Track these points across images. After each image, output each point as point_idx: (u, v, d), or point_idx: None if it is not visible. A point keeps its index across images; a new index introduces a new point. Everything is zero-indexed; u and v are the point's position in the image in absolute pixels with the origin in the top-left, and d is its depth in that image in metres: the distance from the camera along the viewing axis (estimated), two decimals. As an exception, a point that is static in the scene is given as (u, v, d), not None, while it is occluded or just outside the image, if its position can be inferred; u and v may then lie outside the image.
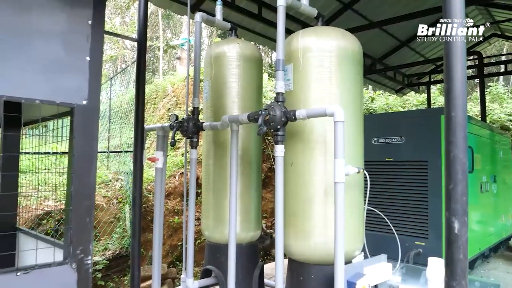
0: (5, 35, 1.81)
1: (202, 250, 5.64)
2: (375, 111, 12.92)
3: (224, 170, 3.55)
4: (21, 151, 3.25)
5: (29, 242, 2.87)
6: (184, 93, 9.22)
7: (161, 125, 3.62)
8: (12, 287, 1.80)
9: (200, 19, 3.62)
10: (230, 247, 3.05)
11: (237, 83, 3.65)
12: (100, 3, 2.13)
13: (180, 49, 14.99)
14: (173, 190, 6.78)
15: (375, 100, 14.12)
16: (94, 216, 2.08)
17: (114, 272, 5.78)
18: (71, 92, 1.94)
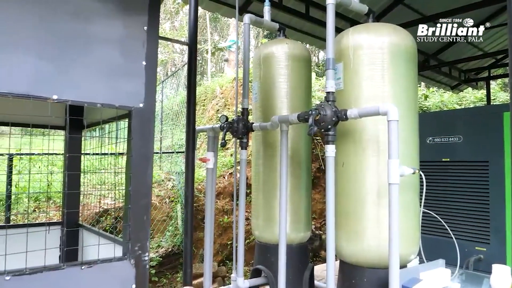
0: (68, 43, 1.93)
1: (251, 249, 5.69)
2: (429, 109, 12.36)
3: (274, 171, 3.55)
4: (82, 152, 3.46)
5: (90, 237, 3.05)
6: (232, 95, 9.35)
7: (211, 126, 3.69)
8: (77, 279, 1.91)
9: (249, 21, 3.65)
10: (280, 248, 3.05)
11: (286, 83, 3.65)
12: (154, 9, 2.21)
13: (228, 51, 15.22)
14: (223, 190, 6.89)
15: (429, 98, 13.50)
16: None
17: (167, 269, 5.98)
18: (129, 95, 2.03)
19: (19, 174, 6.00)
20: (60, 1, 1.92)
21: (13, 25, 1.79)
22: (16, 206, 6.31)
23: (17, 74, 1.79)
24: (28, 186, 6.30)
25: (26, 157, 6.50)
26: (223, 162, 7.44)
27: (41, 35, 1.86)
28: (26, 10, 1.82)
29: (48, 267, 1.81)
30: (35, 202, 6.58)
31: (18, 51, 1.79)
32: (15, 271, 1.73)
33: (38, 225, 3.40)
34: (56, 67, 1.89)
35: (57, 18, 1.90)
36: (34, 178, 5.67)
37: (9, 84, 1.76)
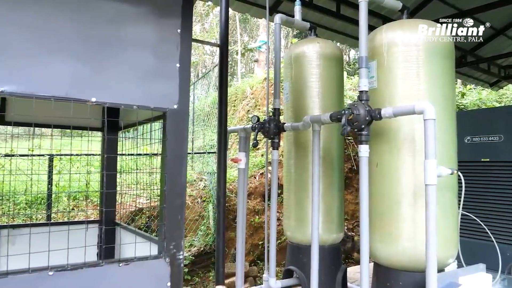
0: (105, 48, 1.99)
1: (282, 250, 5.67)
2: (466, 107, 11.90)
3: (306, 171, 3.53)
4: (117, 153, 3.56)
5: (126, 236, 3.13)
6: (263, 95, 9.35)
7: (243, 126, 3.71)
8: (114, 275, 1.97)
9: (280, 21, 3.65)
10: (312, 249, 3.02)
11: (317, 82, 3.61)
12: (187, 12, 2.24)
13: (258, 52, 15.26)
14: (254, 190, 6.91)
15: (466, 96, 13.00)
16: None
17: (199, 268, 6.06)
18: (163, 97, 2.07)
19: (59, 174, 6.25)
20: (97, 8, 1.99)
21: (53, 32, 1.87)
22: (57, 204, 6.58)
23: (58, 78, 1.86)
24: (69, 186, 6.56)
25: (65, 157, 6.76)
26: (254, 163, 7.47)
27: (79, 40, 1.93)
28: (65, 17, 1.90)
29: (88, 263, 1.88)
30: (74, 201, 6.84)
31: (58, 56, 1.87)
32: (58, 267, 1.80)
33: (77, 223, 3.53)
34: (94, 71, 1.95)
35: (94, 24, 1.97)
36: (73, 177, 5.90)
37: (51, 87, 1.84)
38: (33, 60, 1.81)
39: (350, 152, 7.43)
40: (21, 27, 1.79)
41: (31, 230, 2.23)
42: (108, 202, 3.26)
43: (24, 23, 1.80)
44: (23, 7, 1.80)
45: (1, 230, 3.10)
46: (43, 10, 1.85)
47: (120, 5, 2.06)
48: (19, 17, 1.79)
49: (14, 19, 1.78)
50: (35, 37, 1.83)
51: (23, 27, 1.80)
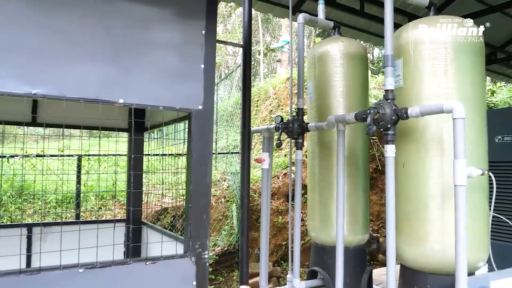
0: (131, 50, 2.03)
1: (306, 250, 5.63)
2: (496, 106, 11.51)
3: (330, 171, 3.49)
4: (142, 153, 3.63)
5: (152, 235, 3.19)
6: (286, 95, 9.33)
7: (266, 127, 3.71)
8: (141, 274, 2.00)
9: (303, 20, 3.63)
10: (337, 250, 2.99)
11: (341, 81, 3.58)
12: (212, 14, 2.26)
13: (280, 52, 15.23)
14: (277, 190, 6.90)
15: (496, 93, 12.57)
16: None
17: (223, 267, 6.10)
18: (189, 98, 2.10)
19: (87, 174, 6.42)
20: (124, 11, 2.03)
21: (83, 35, 1.92)
22: (85, 203, 6.77)
23: (87, 80, 1.91)
24: (97, 185, 6.73)
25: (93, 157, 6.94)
26: (277, 163, 7.45)
27: (107, 43, 1.97)
28: (94, 21, 1.95)
29: (116, 261, 1.92)
30: (101, 200, 7.01)
31: (87, 59, 1.92)
32: (87, 264, 1.85)
33: (105, 221, 3.62)
34: (121, 73, 2.00)
35: (120, 26, 2.01)
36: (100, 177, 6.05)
37: (81, 89, 1.89)
38: (63, 63, 1.87)
39: (374, 152, 7.32)
40: (52, 32, 1.85)
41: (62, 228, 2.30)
42: (135, 201, 3.33)
43: (55, 28, 1.85)
44: (54, 13, 1.86)
45: (33, 227, 3.21)
46: (72, 15, 1.90)
47: (146, 8, 2.10)
48: (51, 22, 1.85)
49: (46, 24, 1.84)
50: (66, 41, 1.88)
51: (55, 32, 1.85)
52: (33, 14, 1.81)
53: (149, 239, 3.16)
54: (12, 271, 1.73)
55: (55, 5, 1.86)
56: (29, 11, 1.80)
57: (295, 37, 3.69)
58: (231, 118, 8.31)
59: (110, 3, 1.99)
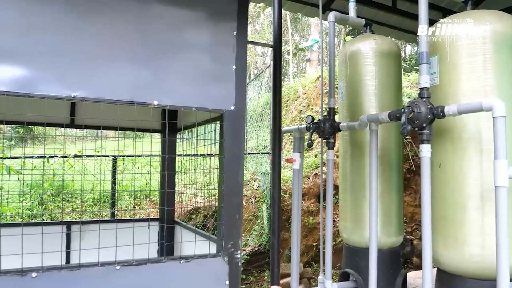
0: (164, 52, 2.07)
1: (337, 252, 5.57)
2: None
3: (362, 171, 3.44)
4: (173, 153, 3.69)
5: (185, 234, 3.24)
6: (316, 95, 9.25)
7: (297, 127, 3.70)
8: (175, 272, 2.04)
9: (334, 19, 3.59)
10: (371, 252, 2.94)
11: (374, 80, 3.51)
12: (243, 15, 2.27)
13: (310, 51, 15.12)
14: (308, 191, 6.85)
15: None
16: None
17: (254, 267, 6.12)
18: (221, 99, 2.12)
19: (121, 174, 6.62)
20: (157, 14, 2.07)
21: (118, 39, 1.98)
22: (119, 202, 6.97)
23: (122, 83, 1.97)
24: (131, 185, 6.92)
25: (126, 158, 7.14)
26: (307, 163, 7.40)
27: (141, 46, 2.02)
28: (128, 25, 2.00)
29: (151, 259, 1.97)
30: (135, 200, 7.19)
31: (123, 62, 1.98)
32: (124, 262, 1.90)
33: (139, 220, 3.71)
34: (155, 75, 2.04)
35: (154, 29, 2.06)
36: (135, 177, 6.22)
37: (117, 92, 1.94)
38: (100, 66, 1.93)
39: (408, 152, 7.13)
40: (90, 36, 1.91)
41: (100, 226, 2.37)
42: (168, 201, 3.39)
43: (93, 32, 1.92)
44: (91, 18, 1.92)
45: (72, 225, 3.33)
46: (108, 20, 1.96)
47: (179, 11, 2.14)
48: (88, 27, 1.91)
49: (84, 29, 1.90)
50: (102, 45, 1.94)
51: (92, 36, 1.92)
52: (71, 20, 1.88)
53: (182, 238, 3.21)
54: (54, 267, 1.80)
55: (92, 11, 1.92)
56: (67, 17, 1.87)
57: (325, 36, 3.66)
58: (261, 118, 8.32)
59: (143, 7, 2.04)
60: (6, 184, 5.56)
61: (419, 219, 7.08)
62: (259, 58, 26.42)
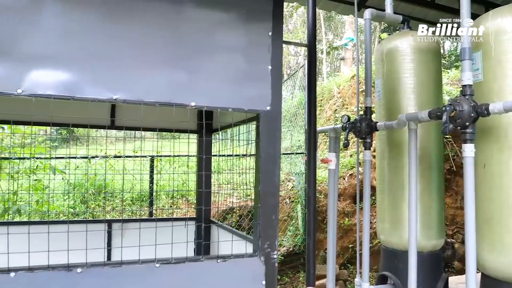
0: (199, 54, 2.10)
1: (374, 254, 5.44)
2: None
3: (401, 172, 3.34)
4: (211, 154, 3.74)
5: (221, 233, 3.27)
6: (351, 94, 9.10)
7: (332, 126, 3.65)
8: (213, 271, 2.07)
9: (370, 16, 3.52)
10: (410, 255, 2.85)
11: (412, 78, 3.41)
12: (278, 15, 2.27)
13: (344, 49, 14.89)
14: (343, 191, 6.75)
15: None
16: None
17: (288, 268, 6.10)
18: (257, 99, 2.13)
19: (159, 174, 6.79)
20: (191, 18, 2.11)
21: (155, 42, 2.03)
22: (157, 202, 7.15)
23: (160, 85, 2.02)
24: (168, 185, 7.09)
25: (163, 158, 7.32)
26: (342, 163, 7.29)
27: (178, 48, 2.06)
28: (164, 28, 2.05)
29: (190, 258, 2.00)
30: (171, 199, 7.36)
31: (159, 65, 2.03)
32: (163, 260, 1.95)
33: (177, 219, 3.79)
34: (191, 77, 2.08)
35: (189, 32, 2.09)
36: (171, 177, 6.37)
37: (156, 94, 2.00)
38: (139, 69, 1.99)
39: (448, 152, 6.87)
40: (128, 41, 1.98)
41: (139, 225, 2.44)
42: (204, 200, 3.44)
43: (130, 37, 1.98)
44: (128, 24, 1.99)
45: (113, 223, 3.45)
46: (145, 25, 2.02)
47: (214, 13, 2.17)
48: (126, 33, 1.98)
49: (122, 34, 1.97)
50: (140, 49, 2.00)
51: (130, 41, 1.98)
52: (110, 27, 1.95)
53: (218, 238, 3.25)
54: (98, 263, 1.88)
55: (129, 17, 1.98)
56: (107, 24, 1.94)
57: (360, 34, 3.59)
58: (295, 118, 8.27)
59: (178, 10, 2.08)
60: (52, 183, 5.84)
61: (461, 222, 6.81)
62: (292, 57, 26.30)
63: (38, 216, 5.27)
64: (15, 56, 1.80)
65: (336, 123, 7.17)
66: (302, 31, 22.79)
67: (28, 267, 1.76)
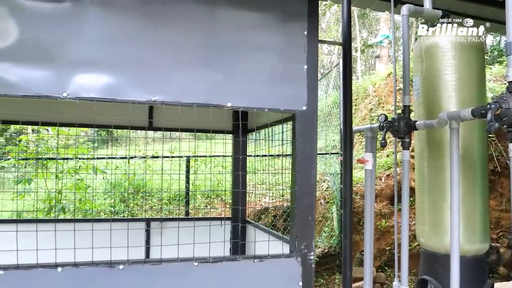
0: (234, 55, 2.13)
1: (413, 257, 5.27)
2: None
3: (442, 172, 3.22)
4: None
5: (256, 233, 3.29)
6: (387, 92, 8.89)
7: (369, 126, 3.57)
8: (249, 271, 2.08)
9: (407, 12, 3.41)
10: (452, 259, 2.74)
11: (453, 75, 3.27)
12: (313, 14, 2.26)
13: (379, 47, 14.57)
14: (380, 192, 6.60)
15: None
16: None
17: (324, 270, 6.03)
18: (292, 99, 2.12)
19: (195, 174, 6.92)
20: (226, 20, 2.13)
21: (191, 44, 2.08)
22: (192, 201, 7.28)
23: (197, 86, 2.06)
24: (209, 185, 7.22)
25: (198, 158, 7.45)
26: (378, 164, 7.13)
27: (213, 49, 2.10)
28: (200, 30, 2.09)
29: (227, 257, 2.02)
30: (206, 199, 7.47)
31: (196, 67, 2.07)
32: (201, 259, 1.98)
33: (214, 219, 3.84)
34: (227, 77, 2.10)
35: (224, 33, 2.12)
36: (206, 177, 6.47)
37: (193, 95, 2.03)
38: (177, 71, 2.04)
39: (492, 151, 6.56)
40: (166, 45, 2.03)
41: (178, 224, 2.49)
42: (240, 200, 3.47)
43: (168, 41, 2.03)
44: (165, 27, 2.04)
45: (151, 222, 3.55)
46: (182, 28, 2.06)
47: (249, 14, 2.18)
48: (163, 36, 2.03)
49: (160, 37, 2.03)
50: (177, 52, 2.05)
51: (167, 44, 2.03)
52: (148, 31, 2.01)
53: (253, 238, 3.26)
54: (138, 261, 1.93)
55: (166, 21, 2.04)
56: (145, 28, 2.01)
57: (395, 31, 3.49)
58: (329, 118, 8.18)
59: (214, 13, 2.12)
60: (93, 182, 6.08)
61: (506, 225, 6.49)
62: (325, 56, 26.02)
63: (80, 214, 5.50)
64: (60, 61, 1.89)
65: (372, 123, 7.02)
66: (335, 29, 22.51)
67: (74, 262, 1.83)
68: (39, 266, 1.80)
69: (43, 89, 1.84)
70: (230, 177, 3.93)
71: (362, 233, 5.27)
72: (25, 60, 1.85)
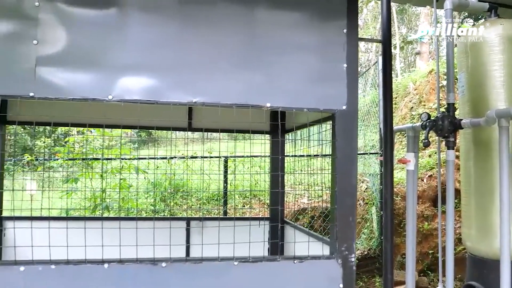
0: (273, 55, 2.13)
1: (457, 261, 5.05)
2: None
3: (490, 173, 3.07)
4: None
5: (295, 234, 3.27)
6: (428, 90, 8.57)
7: (411, 125, 3.47)
8: (289, 271, 2.08)
9: (451, 6, 3.28)
10: (502, 264, 2.61)
11: (501, 70, 3.11)
12: (353, 12, 2.22)
13: (419, 43, 14.09)
14: (421, 194, 6.37)
15: None
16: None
17: (363, 272, 5.90)
18: (332, 98, 2.10)
19: (232, 174, 6.99)
20: (264, 20, 2.14)
21: (230, 45, 2.10)
22: (233, 201, 7.36)
23: (236, 87, 2.07)
24: (249, 185, 7.29)
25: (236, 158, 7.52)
26: (420, 164, 6.89)
27: (252, 50, 2.11)
28: (238, 31, 2.11)
29: (266, 258, 2.03)
30: (244, 199, 7.52)
31: (235, 68, 2.09)
32: (241, 258, 2.00)
33: (253, 219, 3.86)
34: (266, 78, 2.11)
35: (262, 33, 2.13)
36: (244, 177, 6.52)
37: (232, 96, 2.06)
38: (216, 73, 2.07)
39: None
40: (205, 47, 2.07)
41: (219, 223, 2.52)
42: (278, 201, 3.47)
43: (208, 43, 2.07)
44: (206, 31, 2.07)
45: (191, 221, 3.61)
46: (221, 30, 2.09)
47: (287, 13, 2.18)
48: (203, 39, 2.07)
49: (199, 41, 2.06)
50: (216, 54, 2.08)
51: (207, 47, 2.07)
52: (188, 34, 2.05)
53: (292, 238, 3.25)
54: (180, 259, 1.98)
55: (205, 24, 2.07)
56: (185, 32, 2.05)
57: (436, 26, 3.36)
58: (367, 117, 8.00)
59: (253, 14, 2.13)
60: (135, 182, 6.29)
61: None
62: (362, 54, 25.49)
63: (123, 212, 5.70)
64: (106, 65, 1.97)
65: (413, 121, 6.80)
66: (373, 26, 22.01)
67: (119, 259, 1.90)
68: (88, 262, 1.88)
69: (90, 92, 1.93)
70: (268, 177, 3.94)
71: (403, 235, 5.11)
72: (72, 65, 1.94)
